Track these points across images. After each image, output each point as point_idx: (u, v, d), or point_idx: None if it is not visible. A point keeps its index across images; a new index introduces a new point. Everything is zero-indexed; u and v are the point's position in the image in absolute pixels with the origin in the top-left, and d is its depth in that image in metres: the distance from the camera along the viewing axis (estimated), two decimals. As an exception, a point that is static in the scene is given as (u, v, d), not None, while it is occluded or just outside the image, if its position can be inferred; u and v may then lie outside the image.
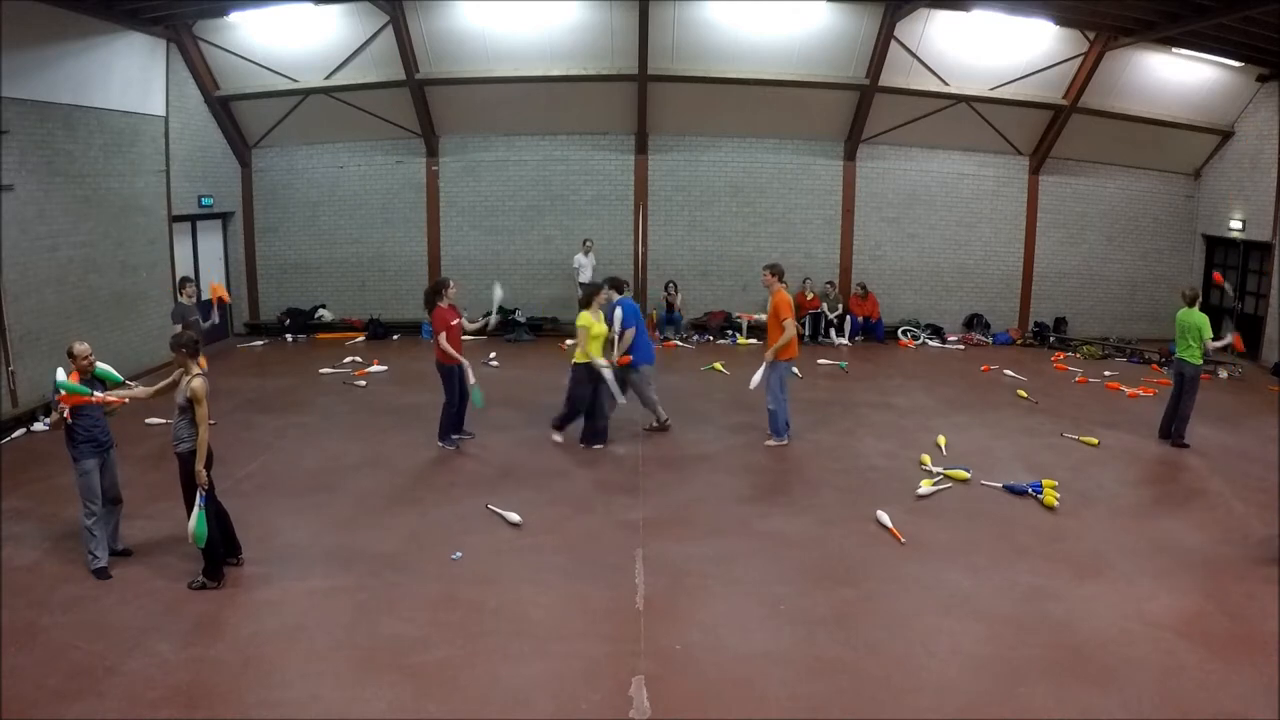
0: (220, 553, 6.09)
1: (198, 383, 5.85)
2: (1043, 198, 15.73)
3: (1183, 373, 9.45)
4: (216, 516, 6.12)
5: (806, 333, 14.78)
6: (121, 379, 6.76)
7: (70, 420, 6.00)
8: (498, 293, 9.59)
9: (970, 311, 15.95)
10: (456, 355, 8.81)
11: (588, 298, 9.13)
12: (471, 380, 8.98)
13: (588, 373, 8.93)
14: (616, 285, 9.52)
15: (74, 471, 6.16)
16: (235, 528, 6.40)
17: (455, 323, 8.91)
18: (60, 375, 6.09)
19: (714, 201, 15.60)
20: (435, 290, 9.02)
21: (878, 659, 5.27)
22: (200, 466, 5.83)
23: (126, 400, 6.40)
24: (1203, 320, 9.32)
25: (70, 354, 6.17)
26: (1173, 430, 9.52)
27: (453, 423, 9.16)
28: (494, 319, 9.75)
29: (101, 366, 6.43)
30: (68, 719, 4.61)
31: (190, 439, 5.88)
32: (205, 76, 13.89)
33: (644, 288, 15.63)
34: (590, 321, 8.87)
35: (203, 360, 6.33)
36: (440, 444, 9.11)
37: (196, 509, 5.84)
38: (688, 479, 8.29)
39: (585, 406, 9.09)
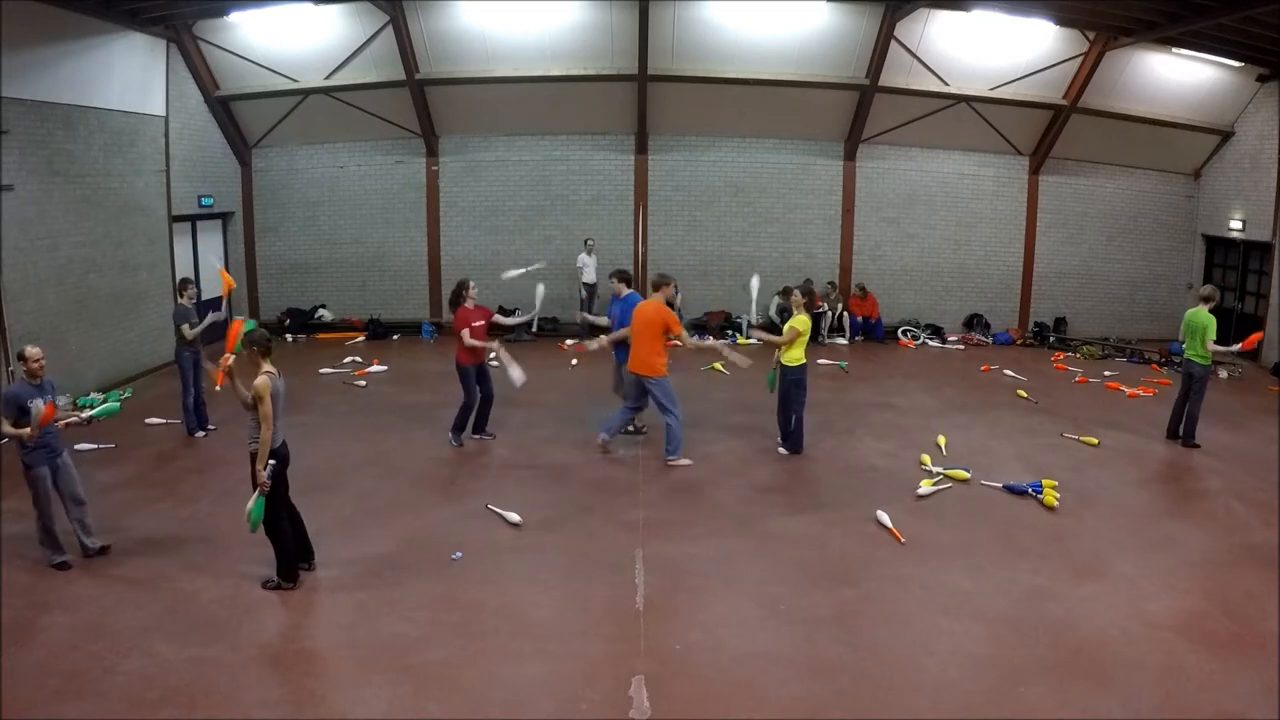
0: (294, 554, 6.08)
1: (260, 379, 5.79)
2: (1043, 198, 15.73)
3: (1191, 373, 9.40)
4: (290, 519, 6.11)
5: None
6: (116, 406, 7.05)
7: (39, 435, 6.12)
8: (540, 290, 10.22)
9: (970, 311, 15.95)
10: (484, 345, 8.92)
11: (810, 298, 9.09)
12: (510, 368, 8.76)
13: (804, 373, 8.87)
14: (625, 278, 9.56)
15: (26, 479, 6.24)
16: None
17: (479, 323, 8.94)
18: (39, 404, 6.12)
19: (714, 201, 15.60)
20: (457, 292, 9.05)
21: (878, 659, 5.26)
22: (259, 466, 5.76)
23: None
24: (1210, 321, 9.24)
25: (21, 357, 6.26)
26: (1181, 431, 9.49)
27: (475, 422, 9.22)
28: (537, 310, 10.44)
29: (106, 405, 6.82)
30: (67, 719, 4.61)
31: (256, 439, 5.84)
32: (205, 76, 13.89)
33: (644, 288, 15.62)
34: (808, 325, 8.79)
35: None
36: (450, 437, 9.15)
37: (256, 495, 5.79)
38: (688, 479, 8.28)
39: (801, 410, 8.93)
